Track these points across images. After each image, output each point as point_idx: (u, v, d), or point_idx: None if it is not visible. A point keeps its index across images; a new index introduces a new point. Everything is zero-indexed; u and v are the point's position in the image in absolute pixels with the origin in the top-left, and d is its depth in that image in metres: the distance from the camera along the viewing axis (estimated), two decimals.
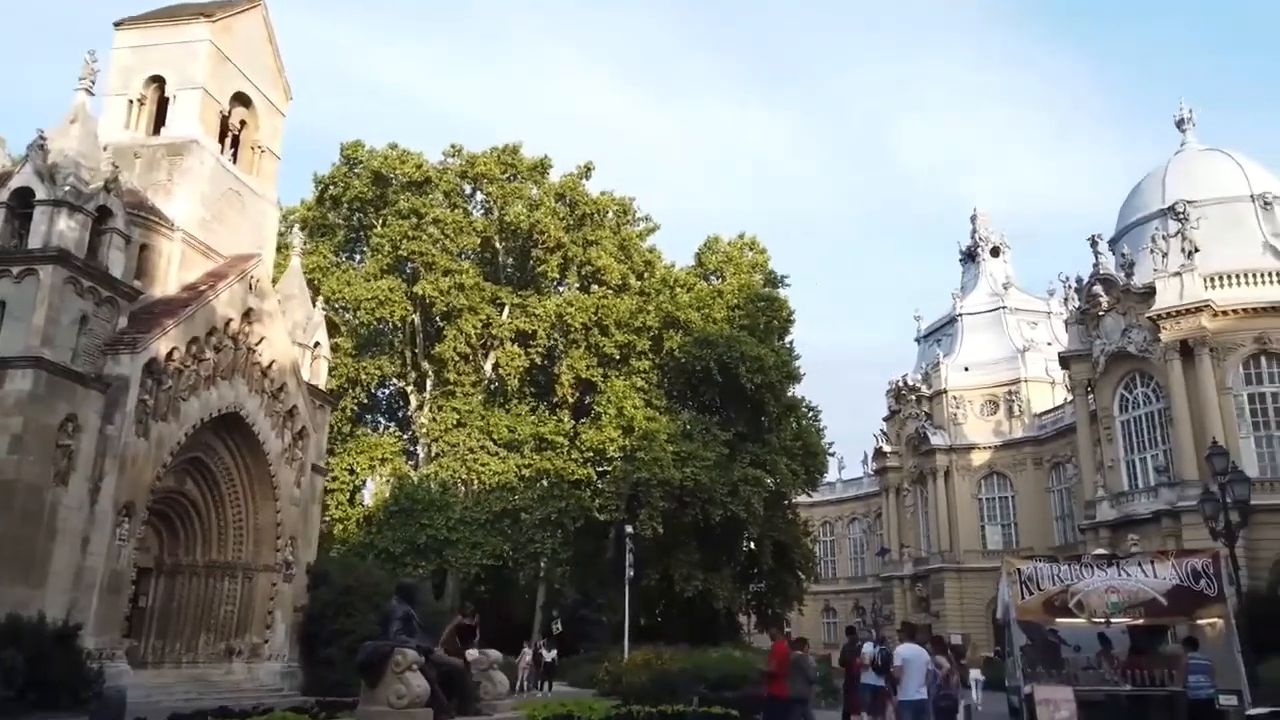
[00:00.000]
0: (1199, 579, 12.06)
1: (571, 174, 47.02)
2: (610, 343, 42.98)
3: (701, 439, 40.94)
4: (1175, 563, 12.35)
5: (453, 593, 42.67)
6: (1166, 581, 12.16)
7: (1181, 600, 12.01)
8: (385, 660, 9.98)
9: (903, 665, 10.52)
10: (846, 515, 78.61)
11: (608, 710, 12.57)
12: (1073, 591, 12.42)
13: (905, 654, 10.79)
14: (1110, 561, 12.85)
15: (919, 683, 10.43)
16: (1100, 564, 12.89)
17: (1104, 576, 12.41)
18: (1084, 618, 12.46)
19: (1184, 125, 46.09)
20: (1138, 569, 12.41)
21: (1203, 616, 12.20)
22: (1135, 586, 12.24)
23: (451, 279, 42.09)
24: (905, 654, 10.79)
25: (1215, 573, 12.11)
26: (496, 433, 41.41)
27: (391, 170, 43.77)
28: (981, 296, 68.28)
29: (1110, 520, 40.77)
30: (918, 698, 10.32)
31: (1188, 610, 12.23)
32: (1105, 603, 12.30)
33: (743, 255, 49.14)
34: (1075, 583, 12.46)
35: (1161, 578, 12.21)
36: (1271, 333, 37.14)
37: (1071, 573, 12.61)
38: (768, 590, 48.60)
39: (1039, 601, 12.53)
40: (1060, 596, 12.44)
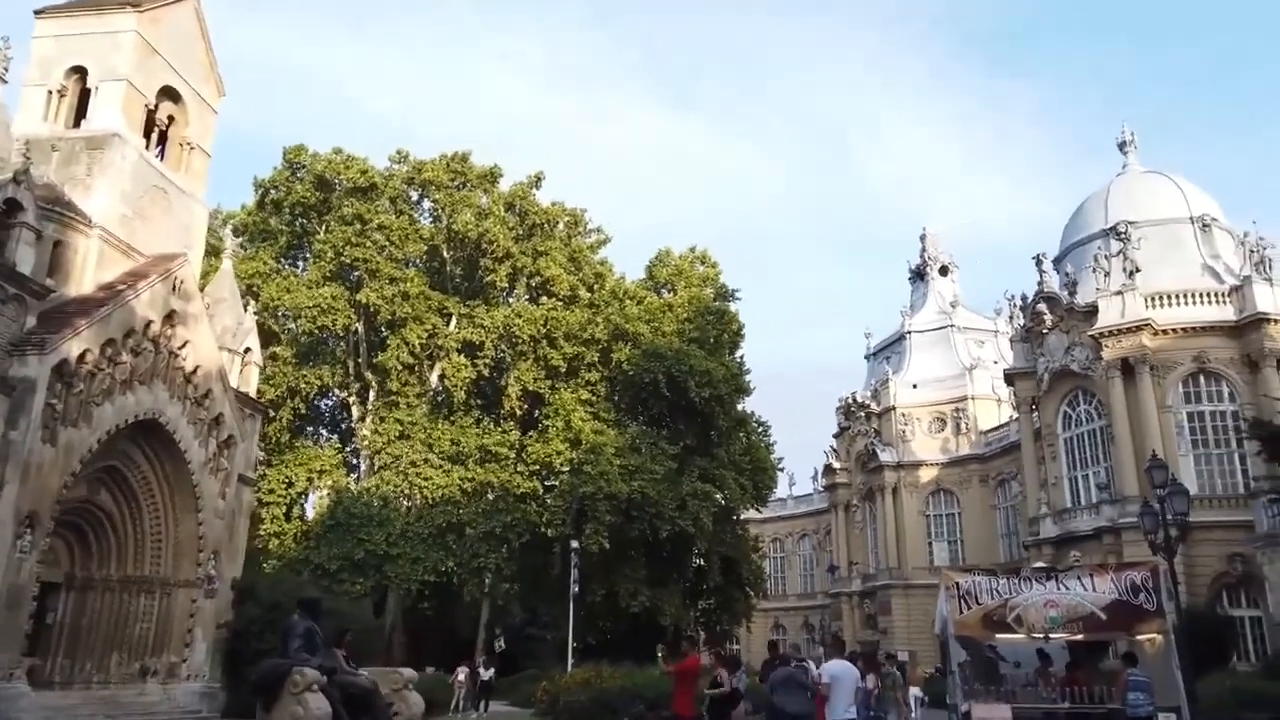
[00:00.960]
0: (1138, 593, 11.82)
1: (522, 183, 46.46)
2: (559, 355, 42.37)
3: (649, 453, 40.48)
4: (1114, 577, 12.09)
5: (393, 610, 41.60)
6: (1105, 596, 11.90)
7: (1120, 615, 11.75)
8: (282, 680, 9.29)
9: (830, 683, 10.04)
10: (797, 532, 78.60)
11: None
12: (1011, 606, 12.10)
13: (833, 671, 10.30)
14: (1049, 575, 12.56)
15: (848, 702, 9.94)
16: (1039, 577, 12.59)
17: (1042, 590, 12.11)
18: (1023, 633, 12.15)
19: (1126, 148, 46.98)
20: (1076, 583, 12.13)
21: (1142, 632, 11.95)
22: (1074, 601, 11.96)
23: (396, 287, 41.20)
24: (833, 671, 10.30)
25: (1154, 587, 11.87)
26: (440, 445, 40.48)
27: (335, 175, 42.80)
28: (930, 314, 68.97)
29: (1053, 537, 41.07)
30: (846, 717, 9.83)
31: (1127, 625, 11.98)
32: (1044, 617, 12.00)
33: (694, 268, 48.94)
34: (1014, 597, 12.14)
35: (1100, 592, 11.94)
36: (1210, 352, 37.77)
37: (1010, 586, 12.29)
38: (716, 607, 48.11)
39: (977, 616, 12.19)
40: (999, 611, 12.11)
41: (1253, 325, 36.98)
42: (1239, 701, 12.64)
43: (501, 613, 43.63)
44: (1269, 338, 36.68)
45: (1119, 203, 43.39)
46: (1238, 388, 37.41)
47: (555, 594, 39.59)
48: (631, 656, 33.06)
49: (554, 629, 40.38)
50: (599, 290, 45.52)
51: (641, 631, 41.32)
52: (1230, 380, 37.68)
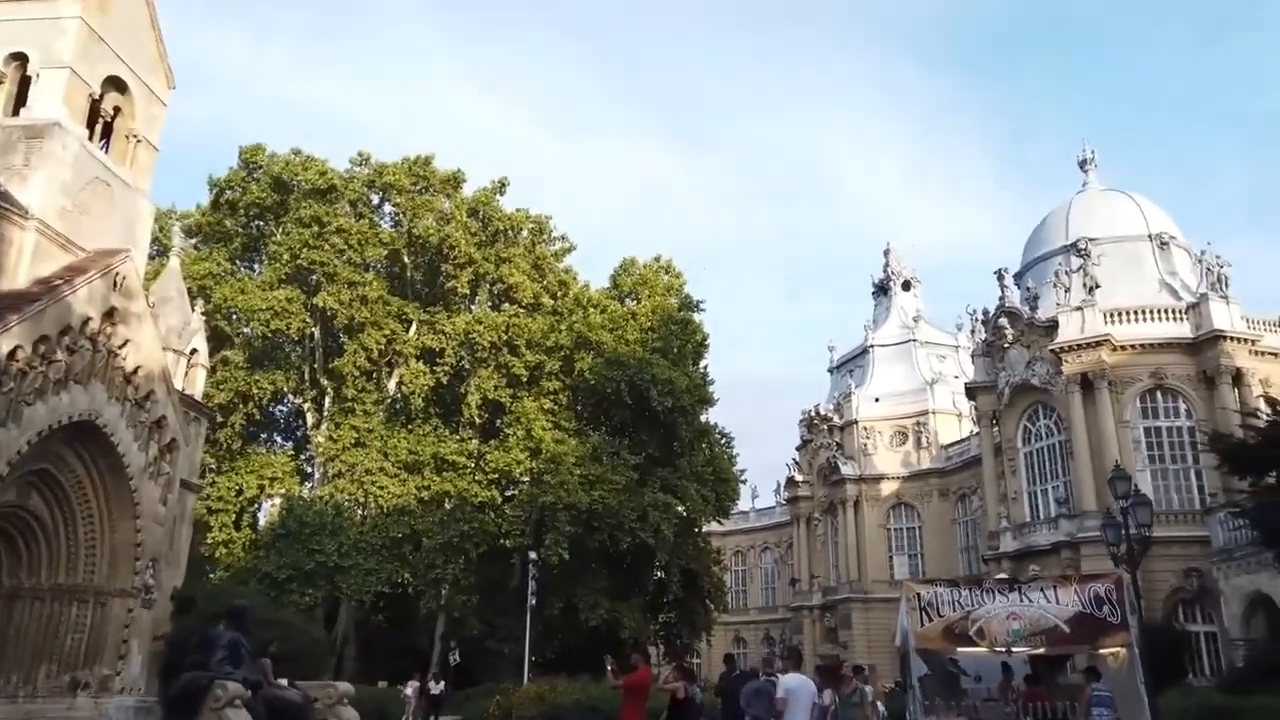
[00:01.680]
0: (1102, 605, 11.53)
1: (485, 189, 45.86)
2: (520, 363, 41.74)
3: (611, 463, 40.01)
4: (1078, 588, 11.81)
5: (345, 622, 40.62)
6: (1069, 608, 11.60)
7: (1084, 628, 11.46)
8: (202, 695, 8.66)
9: (786, 697, 9.60)
10: (759, 544, 78.36)
11: None
12: (973, 618, 11.76)
13: (789, 684, 9.85)
14: (1011, 586, 12.25)
15: (803, 717, 9.50)
16: (1001, 589, 12.27)
17: (1005, 602, 11.79)
18: (985, 646, 11.81)
19: (1086, 166, 47.54)
20: (1040, 595, 11.82)
21: (1106, 645, 11.67)
22: (1037, 613, 11.64)
23: (355, 291, 40.38)
24: (789, 684, 9.85)
25: (1118, 599, 11.60)
26: (397, 453, 39.64)
27: (293, 176, 41.90)
28: (893, 329, 69.30)
29: (1012, 551, 41.12)
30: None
31: (1091, 638, 11.69)
32: (1006, 630, 11.67)
33: (658, 278, 48.57)
34: (976, 609, 11.80)
35: (1064, 604, 11.64)
36: (1167, 368, 38.10)
37: (972, 598, 11.95)
38: (676, 620, 47.60)
39: (939, 629, 11.83)
40: (960, 623, 11.77)
41: (1209, 342, 37.36)
42: (1203, 717, 12.36)
43: (458, 625, 42.73)
44: (1225, 354, 37.07)
45: (1079, 219, 43.81)
46: (1194, 404, 37.76)
47: (513, 606, 38.89)
48: (590, 671, 32.41)
49: (512, 642, 39.60)
50: (562, 298, 45.01)
51: (601, 645, 40.59)
52: (1187, 396, 38.02)
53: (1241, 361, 37.30)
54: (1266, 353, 38.16)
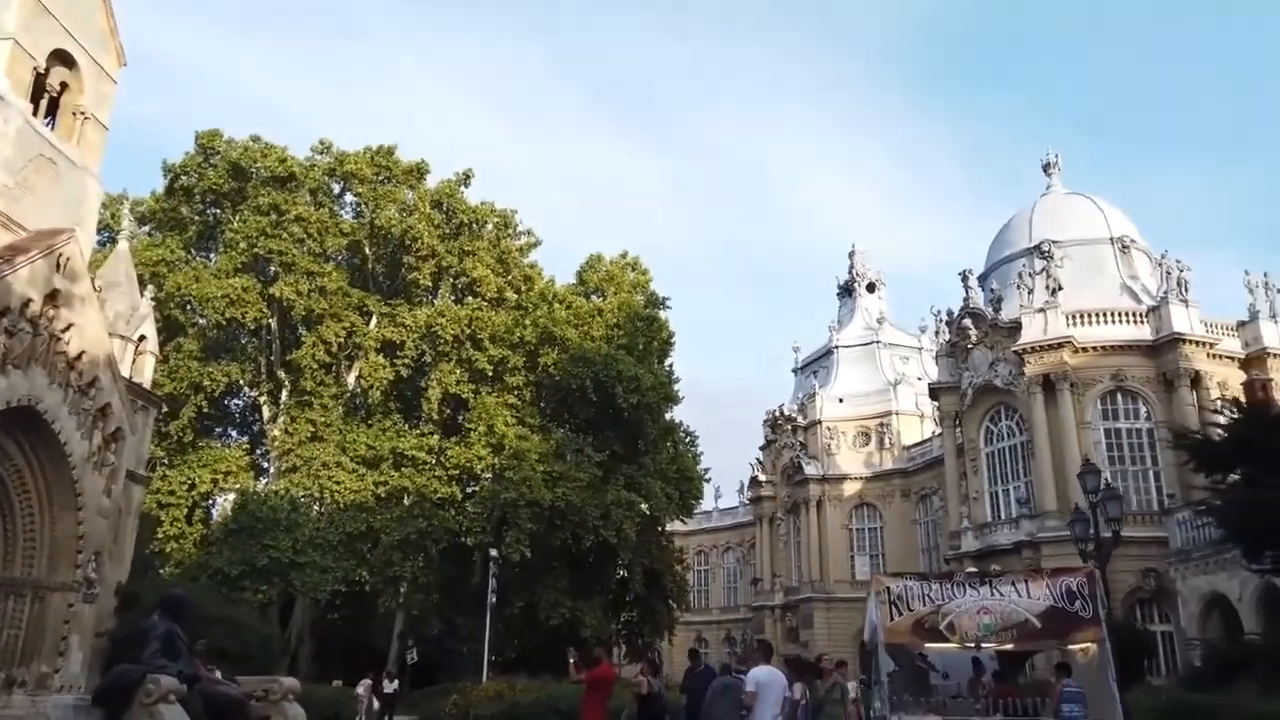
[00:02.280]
0: (1074, 599, 11.33)
1: (450, 181, 45.11)
2: (483, 357, 41.10)
3: (574, 460, 39.54)
4: (1049, 582, 11.58)
5: (300, 620, 39.75)
6: (1040, 602, 11.37)
7: (1056, 622, 11.24)
8: (133, 690, 8.09)
9: (755, 691, 9.21)
10: (721, 544, 78.26)
11: None
12: (944, 612, 11.48)
13: (759, 677, 9.45)
14: (983, 580, 11.99)
15: (774, 713, 9.12)
16: (973, 583, 12.01)
17: (976, 596, 11.53)
18: (955, 641, 11.55)
19: (1050, 169, 47.95)
20: (1011, 589, 11.59)
21: (1077, 640, 11.47)
22: (1008, 607, 11.40)
23: (313, 282, 39.48)
24: (759, 677, 9.45)
25: (1091, 594, 11.39)
26: (355, 448, 38.81)
27: (251, 163, 40.87)
28: (857, 330, 69.58)
29: (974, 550, 41.26)
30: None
31: (1062, 633, 11.47)
32: (977, 624, 11.41)
33: (625, 275, 48.17)
34: (946, 603, 11.53)
35: (1035, 598, 11.41)
36: (1128, 370, 38.47)
37: (943, 592, 11.68)
38: (638, 619, 47.21)
39: (909, 623, 11.54)
40: (931, 617, 11.49)
41: (1169, 345, 37.78)
42: (1173, 715, 12.21)
43: (416, 624, 42.01)
44: (1184, 357, 37.50)
45: (1043, 222, 44.15)
46: (1154, 406, 38.16)
47: (473, 605, 38.31)
48: (550, 670, 31.95)
49: (471, 641, 38.99)
50: (527, 293, 44.43)
51: (562, 644, 40.11)
52: (1146, 398, 38.42)
53: (1200, 364, 37.76)
54: (1224, 356, 38.69)
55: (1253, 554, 14.43)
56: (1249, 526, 14.57)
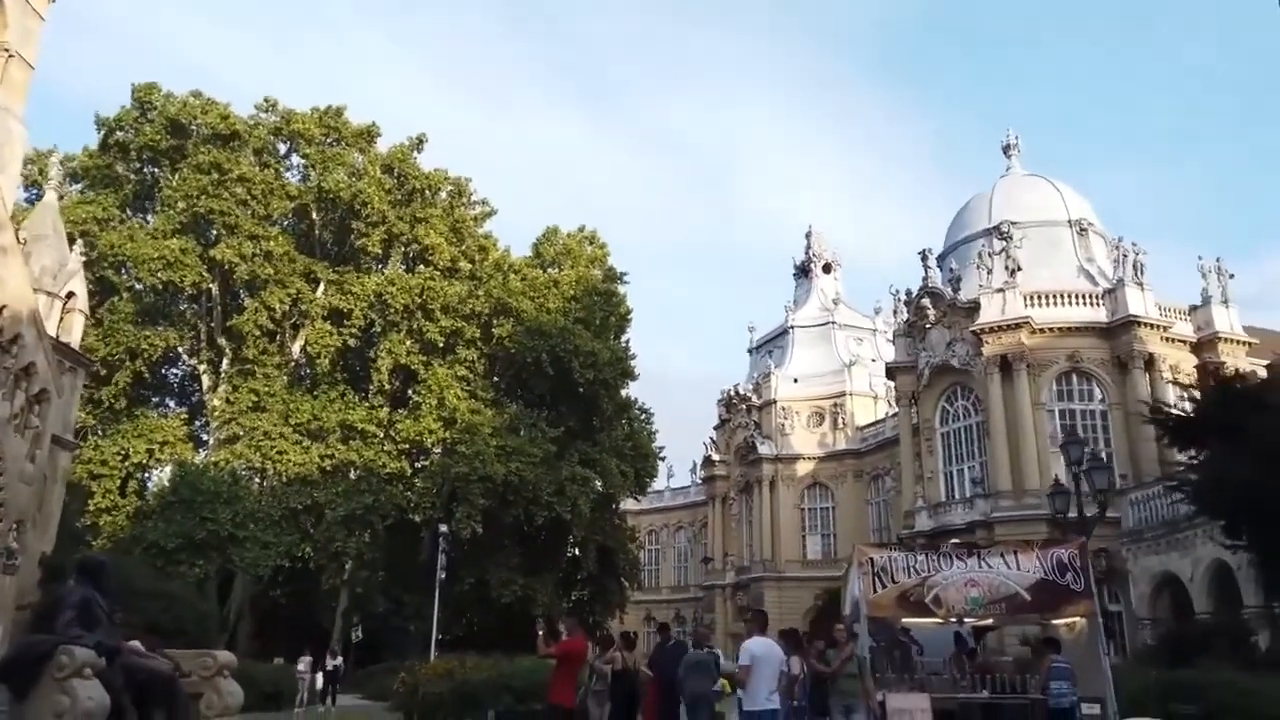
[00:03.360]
0: (1065, 572, 10.85)
1: (402, 145, 43.62)
2: (435, 328, 39.90)
3: (529, 434, 38.68)
4: (1040, 554, 11.10)
5: (240, 596, 38.38)
6: (1030, 575, 10.88)
7: (1046, 595, 10.75)
8: (43, 663, 7.09)
9: (750, 665, 8.51)
10: (673, 524, 77.96)
11: None
12: (930, 584, 10.92)
13: (754, 650, 8.76)
14: (970, 552, 11.47)
15: (770, 688, 8.41)
16: (959, 554, 11.48)
17: (963, 568, 11.00)
18: (941, 614, 11.00)
19: (1010, 151, 47.95)
20: (1000, 560, 11.07)
21: (1068, 614, 11.01)
22: (997, 580, 10.88)
23: (257, 245, 37.83)
24: (754, 650, 8.76)
25: (1082, 565, 10.93)
26: (299, 419, 37.39)
27: (191, 119, 38.94)
28: (813, 310, 69.51)
29: (928, 530, 41.28)
30: (768, 708, 8.29)
31: (1053, 606, 10.99)
32: (965, 597, 10.89)
33: (582, 248, 47.20)
34: (932, 574, 10.97)
35: (1025, 570, 10.91)
36: (1083, 352, 38.65)
37: (928, 563, 11.11)
38: (590, 597, 46.62)
39: (893, 595, 10.96)
40: (916, 590, 10.92)
41: (1124, 327, 38.01)
42: (1164, 692, 11.83)
43: (362, 601, 40.87)
44: (1139, 340, 37.76)
45: (1002, 203, 44.12)
46: (1108, 388, 38.41)
47: (421, 582, 37.36)
48: (501, 648, 31.16)
49: (419, 619, 38.04)
50: (481, 263, 43.23)
51: (512, 622, 39.43)
52: (1101, 380, 38.65)
53: (1154, 347, 38.08)
54: (1177, 339, 39.08)
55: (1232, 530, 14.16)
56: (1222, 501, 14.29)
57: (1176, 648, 22.63)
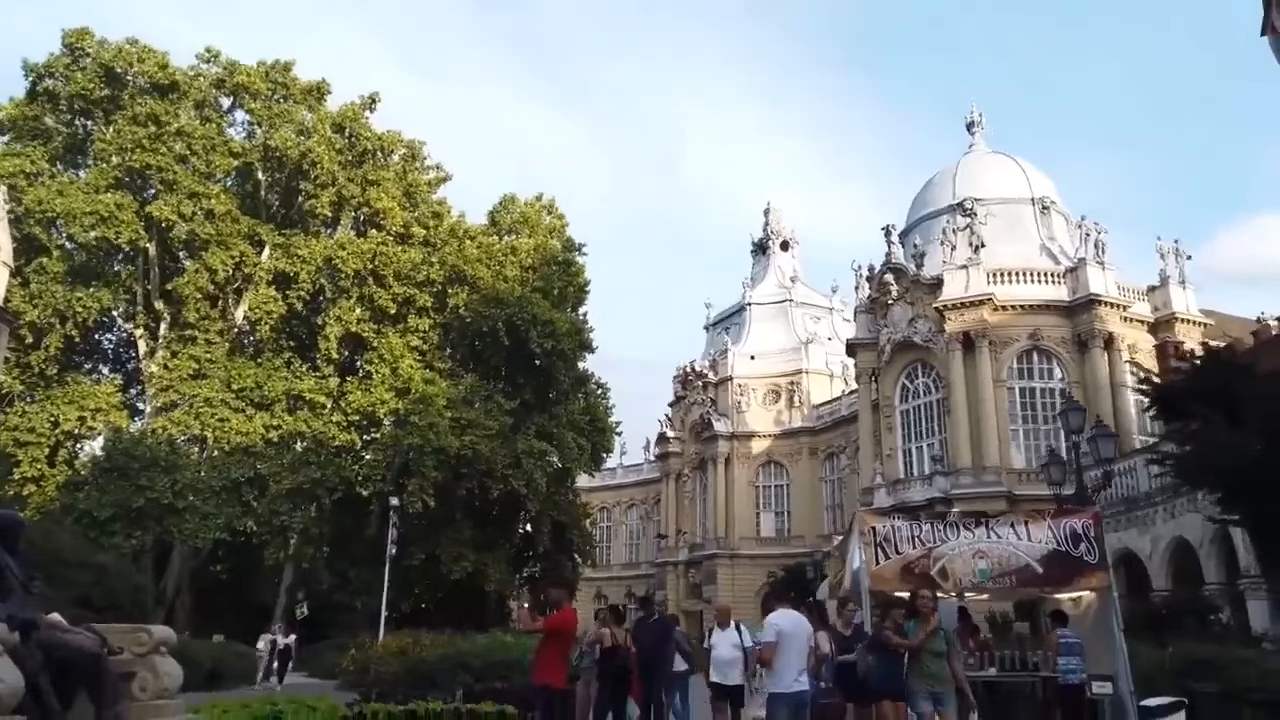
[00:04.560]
0: (1079, 543, 10.23)
1: (353, 104, 41.77)
2: (387, 295, 38.39)
3: (483, 406, 37.43)
4: (1052, 524, 10.45)
5: (178, 570, 36.78)
6: (1042, 545, 10.23)
7: (1059, 567, 10.12)
8: None
9: (777, 642, 7.56)
10: (625, 501, 77.32)
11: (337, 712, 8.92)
12: (935, 556, 10.22)
13: (781, 625, 7.79)
14: (978, 521, 10.79)
15: (799, 668, 7.45)
16: (967, 524, 10.78)
17: (971, 538, 10.31)
18: (949, 587, 10.32)
19: (974, 128, 47.79)
20: (1009, 530, 10.41)
21: (1082, 587, 10.40)
22: (1007, 551, 10.23)
23: (198, 204, 35.88)
24: (781, 625, 7.79)
25: (1096, 536, 10.32)
26: (241, 385, 35.70)
27: (127, 67, 36.65)
28: (770, 288, 69.15)
29: (887, 507, 41.02)
30: (797, 689, 7.34)
31: (1066, 579, 10.36)
32: (973, 569, 10.22)
33: (540, 217, 45.83)
34: (938, 545, 10.26)
35: (1036, 540, 10.26)
36: (1044, 329, 38.68)
37: (934, 533, 10.42)
38: (543, 574, 45.66)
39: (896, 568, 10.24)
40: (921, 562, 10.21)
41: (1085, 306, 38.09)
42: (1181, 670, 11.31)
43: (306, 577, 39.45)
44: (1099, 319, 37.87)
45: (966, 180, 43.94)
46: (1067, 366, 38.51)
47: (369, 557, 36.12)
48: (453, 624, 30.16)
49: (366, 595, 36.77)
50: (436, 229, 41.68)
51: (463, 598, 38.45)
52: (1060, 359, 38.73)
53: (1113, 327, 38.23)
54: (1135, 319, 39.33)
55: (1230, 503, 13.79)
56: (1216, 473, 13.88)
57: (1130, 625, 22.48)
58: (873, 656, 8.61)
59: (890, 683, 8.44)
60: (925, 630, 8.65)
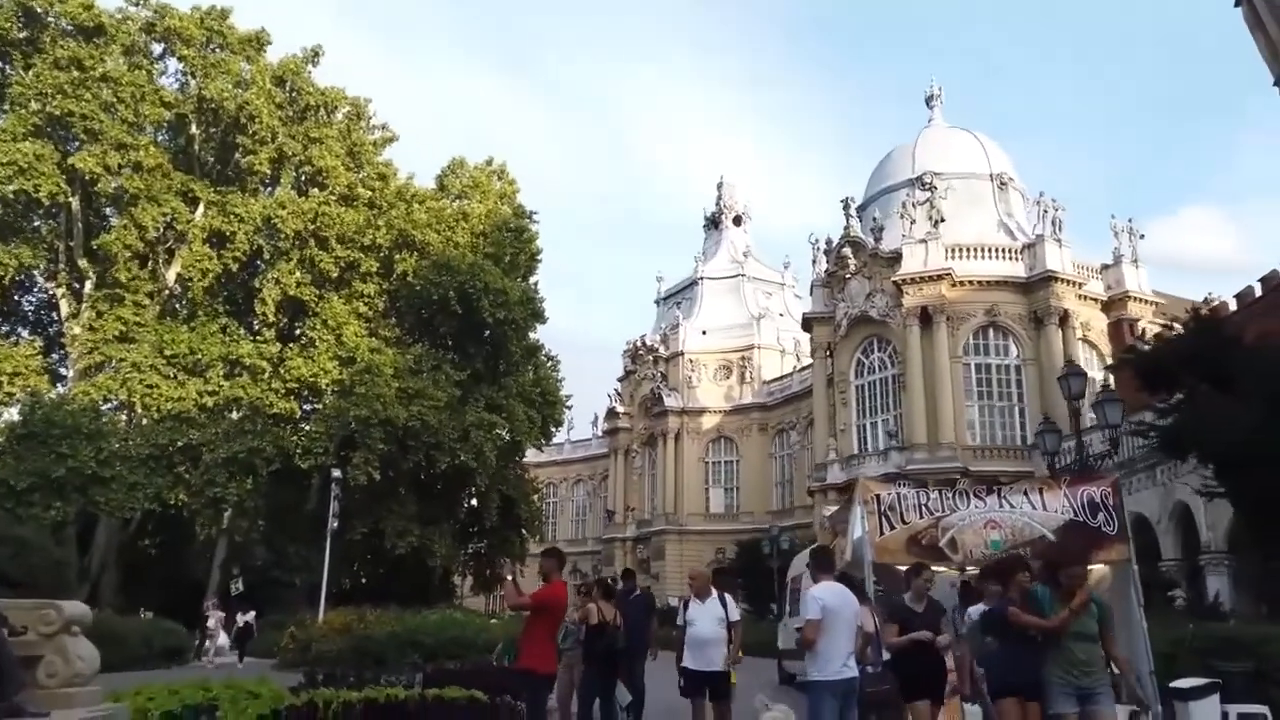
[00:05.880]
0: (1097, 512, 9.54)
1: (295, 57, 39.62)
2: (329, 258, 36.58)
3: (432, 376, 35.98)
4: (1068, 492, 9.74)
5: (104, 544, 34.81)
6: (1059, 515, 9.53)
7: (1076, 539, 9.45)
8: None
9: (822, 619, 6.21)
10: (572, 477, 76.42)
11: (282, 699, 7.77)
12: (944, 526, 9.45)
13: (827, 600, 6.38)
14: (989, 489, 10.03)
15: (848, 649, 6.26)
16: (978, 492, 10.02)
17: (982, 507, 9.56)
18: (958, 560, 9.56)
19: (932, 102, 47.40)
20: (1023, 498, 9.67)
21: (1100, 560, 9.72)
22: (1020, 521, 9.50)
23: (125, 155, 33.64)
24: (827, 600, 6.38)
25: (1115, 505, 9.64)
26: (173, 350, 33.74)
27: (48, 6, 34.07)
28: (723, 262, 68.52)
29: (840, 483, 40.88)
30: (845, 676, 6.18)
31: (1084, 551, 9.70)
32: (984, 540, 9.47)
33: (491, 183, 44.18)
34: (946, 515, 9.49)
35: (1052, 510, 9.54)
36: (1001, 306, 38.57)
37: (942, 502, 9.64)
38: (488, 549, 44.52)
39: (903, 539, 9.45)
40: (929, 532, 9.43)
41: (1042, 283, 38.04)
42: (1205, 649, 10.74)
43: (241, 551, 37.75)
44: (1055, 296, 37.87)
45: (926, 154, 43.57)
46: (1023, 343, 38.48)
47: (307, 532, 34.62)
48: (396, 601, 28.95)
49: (305, 571, 35.27)
50: (382, 192, 39.86)
51: (406, 574, 37.18)
52: (1016, 335, 38.69)
53: (1069, 304, 38.29)
54: (1089, 298, 39.45)
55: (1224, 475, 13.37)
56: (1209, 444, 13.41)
57: None
58: (991, 638, 6.76)
59: (1019, 675, 6.51)
60: (1073, 605, 6.52)
